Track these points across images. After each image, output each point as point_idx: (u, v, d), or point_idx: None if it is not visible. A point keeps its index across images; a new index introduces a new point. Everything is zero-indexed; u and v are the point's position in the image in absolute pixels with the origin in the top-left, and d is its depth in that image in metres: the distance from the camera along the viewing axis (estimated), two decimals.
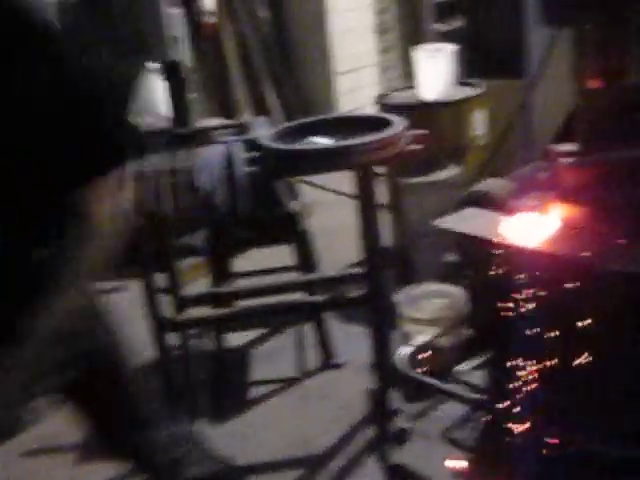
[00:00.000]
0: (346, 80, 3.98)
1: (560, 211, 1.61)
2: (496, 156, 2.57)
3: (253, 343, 2.47)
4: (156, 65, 2.41)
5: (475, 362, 1.92)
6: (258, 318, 2.39)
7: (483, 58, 2.70)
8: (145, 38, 2.49)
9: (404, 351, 1.94)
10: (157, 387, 1.76)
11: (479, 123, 2.58)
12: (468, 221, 1.70)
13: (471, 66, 2.68)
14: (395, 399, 1.89)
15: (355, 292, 1.99)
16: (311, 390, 2.21)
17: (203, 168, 1.72)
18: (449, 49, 2.67)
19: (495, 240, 1.54)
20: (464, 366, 1.95)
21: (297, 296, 2.18)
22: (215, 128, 2.21)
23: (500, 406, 1.61)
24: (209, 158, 1.77)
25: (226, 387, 2.23)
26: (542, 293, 1.48)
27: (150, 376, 1.78)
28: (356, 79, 3.96)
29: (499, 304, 1.57)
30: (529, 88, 2.60)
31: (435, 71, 2.62)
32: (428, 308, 2.20)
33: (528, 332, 1.49)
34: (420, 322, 2.14)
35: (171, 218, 1.84)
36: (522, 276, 1.51)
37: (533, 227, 1.59)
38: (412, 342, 2.00)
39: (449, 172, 2.49)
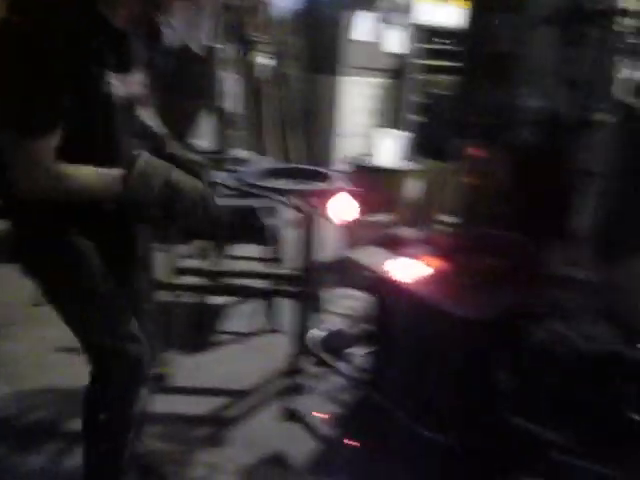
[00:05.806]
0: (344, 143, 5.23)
1: (434, 262, 2.37)
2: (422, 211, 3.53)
3: (225, 306, 3.35)
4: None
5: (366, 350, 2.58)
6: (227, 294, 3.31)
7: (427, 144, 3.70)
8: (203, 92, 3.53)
9: (315, 333, 2.75)
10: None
11: (412, 187, 3.61)
12: (368, 255, 2.47)
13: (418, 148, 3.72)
14: (306, 363, 2.57)
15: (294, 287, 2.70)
16: (254, 343, 3.06)
17: None
18: (400, 135, 3.76)
19: (377, 270, 2.30)
20: (358, 351, 2.70)
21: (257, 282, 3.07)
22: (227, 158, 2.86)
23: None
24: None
25: (198, 331, 3.08)
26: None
27: None
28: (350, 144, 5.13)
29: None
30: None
31: (387, 147, 3.68)
32: (342, 305, 3.13)
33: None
34: (335, 314, 3.07)
35: None
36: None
37: (410, 268, 2.31)
38: (325, 327, 2.86)
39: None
